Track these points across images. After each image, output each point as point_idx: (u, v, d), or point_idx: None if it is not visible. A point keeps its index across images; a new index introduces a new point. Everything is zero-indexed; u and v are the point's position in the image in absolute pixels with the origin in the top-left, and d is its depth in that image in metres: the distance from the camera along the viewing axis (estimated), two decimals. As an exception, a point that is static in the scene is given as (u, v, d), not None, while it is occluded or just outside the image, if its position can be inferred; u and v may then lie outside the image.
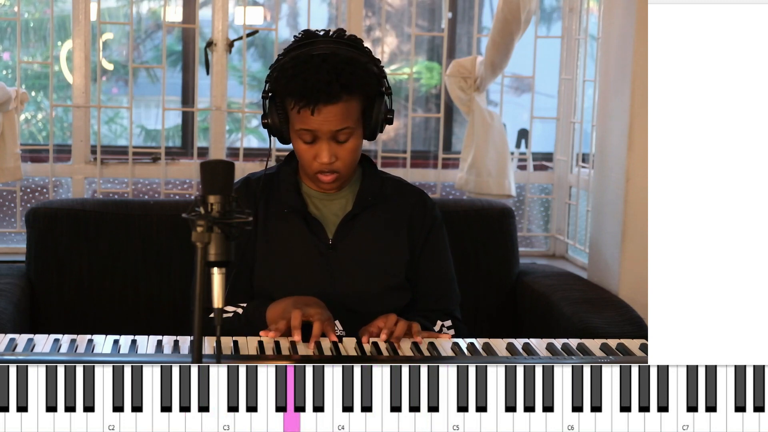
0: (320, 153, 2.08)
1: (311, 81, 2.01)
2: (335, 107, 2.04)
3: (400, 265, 2.19)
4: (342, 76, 2.02)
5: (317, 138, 2.07)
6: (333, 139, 2.07)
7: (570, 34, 3.41)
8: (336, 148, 2.08)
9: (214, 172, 1.49)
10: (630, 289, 2.77)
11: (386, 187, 2.24)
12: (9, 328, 2.33)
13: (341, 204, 2.21)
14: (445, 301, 2.25)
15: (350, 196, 2.21)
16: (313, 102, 2.02)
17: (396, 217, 2.22)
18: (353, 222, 2.18)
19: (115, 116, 4.77)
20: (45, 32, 4.28)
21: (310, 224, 2.17)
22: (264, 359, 1.77)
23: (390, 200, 2.23)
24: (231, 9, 3.34)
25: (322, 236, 2.17)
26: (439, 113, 3.50)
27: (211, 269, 1.47)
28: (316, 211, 2.20)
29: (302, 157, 2.12)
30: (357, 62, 2.06)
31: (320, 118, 2.04)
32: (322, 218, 2.19)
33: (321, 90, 2.01)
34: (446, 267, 2.28)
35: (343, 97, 2.04)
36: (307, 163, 2.12)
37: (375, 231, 2.19)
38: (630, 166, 2.74)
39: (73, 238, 2.71)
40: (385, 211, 2.22)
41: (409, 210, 2.24)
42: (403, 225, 2.22)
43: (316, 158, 2.09)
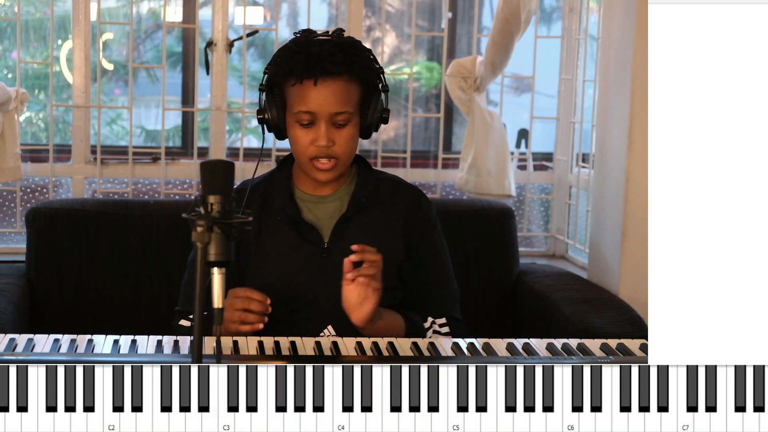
0: (318, 136, 2.07)
1: (315, 53, 2.05)
2: (336, 83, 2.05)
3: (394, 266, 2.18)
4: (346, 54, 2.06)
5: (316, 120, 2.07)
6: (332, 122, 2.07)
7: (570, 34, 3.41)
8: (334, 132, 2.08)
9: (214, 172, 1.49)
10: (630, 289, 2.77)
11: (381, 188, 2.23)
12: (9, 328, 2.33)
13: (336, 206, 2.20)
14: (440, 301, 2.24)
15: (345, 198, 2.20)
16: (316, 73, 2.04)
17: (391, 217, 2.21)
18: (348, 225, 2.17)
19: (117, 118, 4.77)
20: (45, 32, 4.28)
21: (303, 231, 2.16)
22: (264, 359, 1.77)
23: (385, 201, 2.22)
24: (231, 9, 3.34)
25: (317, 241, 2.16)
26: (439, 113, 3.50)
27: (211, 269, 1.47)
28: (311, 215, 2.19)
29: (299, 143, 2.10)
30: (358, 47, 2.11)
31: (321, 96, 2.04)
32: (318, 222, 2.18)
33: (325, 59, 2.04)
34: (441, 267, 2.27)
35: (344, 75, 2.06)
36: (303, 150, 2.10)
37: (369, 233, 2.17)
38: (630, 166, 2.74)
39: (73, 238, 2.71)
40: (381, 212, 2.20)
41: (404, 210, 2.23)
42: (399, 225, 2.21)
43: (314, 142, 2.07)
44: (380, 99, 2.14)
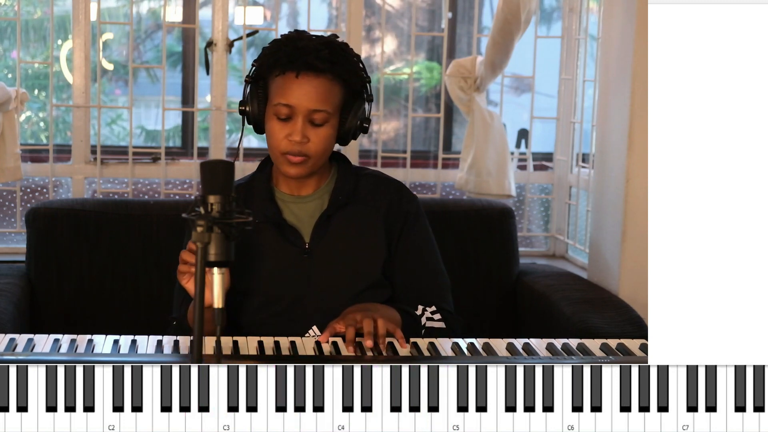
0: (294, 131, 2.06)
1: (301, 47, 2.06)
2: (318, 80, 2.05)
3: (377, 263, 2.17)
4: (334, 52, 2.06)
5: (293, 115, 2.06)
6: (309, 119, 2.07)
7: (570, 34, 3.41)
8: (309, 130, 2.07)
9: (214, 172, 1.49)
10: (630, 289, 2.77)
11: (362, 184, 2.21)
12: (9, 328, 2.33)
13: (317, 205, 2.18)
14: (428, 293, 2.21)
15: (325, 197, 2.19)
16: (299, 66, 2.04)
17: (372, 213, 2.19)
18: (328, 223, 2.16)
19: (117, 118, 4.77)
20: (45, 32, 4.28)
21: (285, 232, 2.15)
22: (264, 359, 1.77)
23: (365, 197, 2.20)
24: (231, 9, 3.34)
25: (298, 242, 2.15)
26: (439, 113, 3.50)
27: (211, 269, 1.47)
28: (292, 216, 2.18)
29: (274, 136, 2.09)
30: (348, 50, 2.12)
31: (301, 90, 2.04)
32: (299, 223, 2.17)
33: (310, 53, 2.04)
34: (428, 259, 2.24)
35: (327, 74, 2.05)
36: (276, 143, 2.09)
37: (351, 231, 2.16)
38: (630, 166, 2.74)
39: (73, 238, 2.71)
40: (362, 208, 2.19)
41: (385, 204, 2.21)
42: (380, 220, 2.19)
43: (288, 136, 2.07)
44: (363, 107, 2.13)
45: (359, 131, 2.15)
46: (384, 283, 2.19)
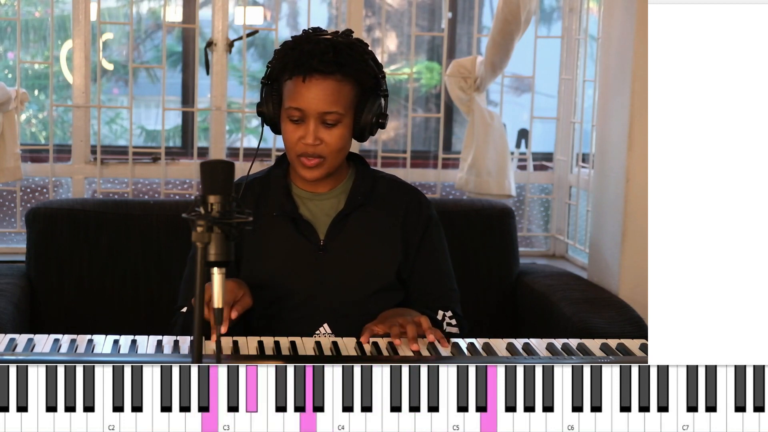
0: (306, 134, 2.06)
1: (307, 50, 2.05)
2: (327, 82, 2.04)
3: (391, 265, 2.17)
4: (339, 54, 2.05)
5: (305, 117, 2.06)
6: (321, 121, 2.06)
7: (570, 34, 3.41)
8: (322, 131, 2.07)
9: (213, 172, 1.49)
10: (630, 289, 2.77)
11: (379, 186, 2.22)
12: (9, 328, 2.33)
13: (333, 204, 2.19)
14: (443, 299, 2.23)
15: (342, 196, 2.19)
16: (305, 70, 2.04)
17: (389, 216, 2.20)
18: (345, 222, 2.16)
19: (116, 117, 4.77)
20: (45, 32, 4.28)
21: (300, 227, 2.15)
22: (264, 359, 1.77)
23: (383, 199, 2.21)
24: (231, 9, 3.34)
25: (313, 238, 2.15)
26: (439, 113, 3.50)
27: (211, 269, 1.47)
28: (308, 212, 2.18)
29: (288, 138, 2.10)
30: (356, 49, 2.10)
31: (310, 94, 2.04)
32: (314, 219, 2.17)
33: (314, 57, 2.03)
34: (444, 266, 2.26)
35: (336, 75, 2.05)
36: (291, 145, 2.10)
37: (367, 231, 2.17)
38: (630, 166, 2.75)
39: (73, 238, 2.71)
40: (378, 210, 2.19)
41: (402, 209, 2.22)
42: (397, 224, 2.20)
43: (302, 139, 2.07)
44: (377, 102, 2.11)
45: (376, 127, 2.14)
46: (397, 285, 2.19)
